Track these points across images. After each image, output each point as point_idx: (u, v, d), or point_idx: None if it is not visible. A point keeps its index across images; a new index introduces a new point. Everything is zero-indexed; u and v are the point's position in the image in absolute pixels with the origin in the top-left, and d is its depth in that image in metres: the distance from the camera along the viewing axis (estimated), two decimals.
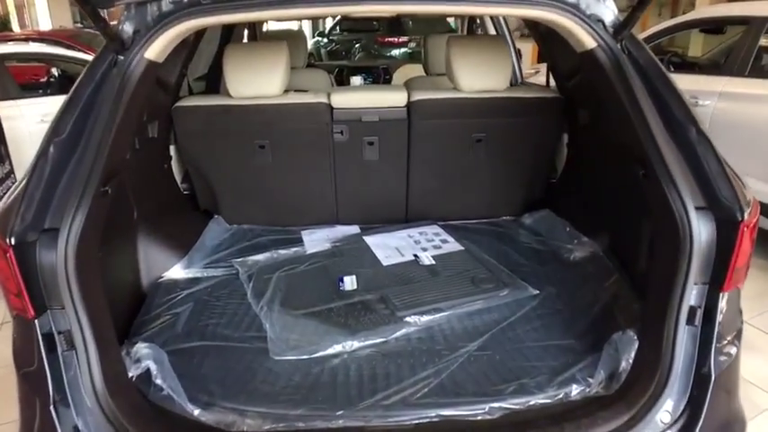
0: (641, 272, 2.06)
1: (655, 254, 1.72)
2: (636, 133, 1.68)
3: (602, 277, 2.20)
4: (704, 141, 1.60)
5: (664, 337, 1.62)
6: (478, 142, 2.66)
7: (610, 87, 1.77)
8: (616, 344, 1.81)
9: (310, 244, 2.62)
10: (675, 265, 1.58)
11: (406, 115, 2.59)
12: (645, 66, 1.75)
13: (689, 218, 1.54)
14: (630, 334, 1.78)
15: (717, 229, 1.55)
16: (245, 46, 2.72)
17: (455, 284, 2.21)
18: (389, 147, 2.67)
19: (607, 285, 2.16)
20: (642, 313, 1.78)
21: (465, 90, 2.55)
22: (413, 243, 2.56)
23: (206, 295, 2.22)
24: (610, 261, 2.24)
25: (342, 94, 2.61)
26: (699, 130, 1.61)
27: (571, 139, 2.73)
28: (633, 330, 1.82)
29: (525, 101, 2.59)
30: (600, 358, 1.80)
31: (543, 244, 2.57)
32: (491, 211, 2.92)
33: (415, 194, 2.83)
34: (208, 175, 2.72)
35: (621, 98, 1.73)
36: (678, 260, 1.57)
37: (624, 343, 1.78)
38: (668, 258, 1.61)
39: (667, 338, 1.61)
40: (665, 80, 1.72)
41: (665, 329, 1.61)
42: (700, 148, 1.60)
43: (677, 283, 1.58)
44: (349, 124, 2.60)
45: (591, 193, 2.50)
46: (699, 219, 1.54)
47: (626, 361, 1.74)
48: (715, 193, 1.55)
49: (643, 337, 1.73)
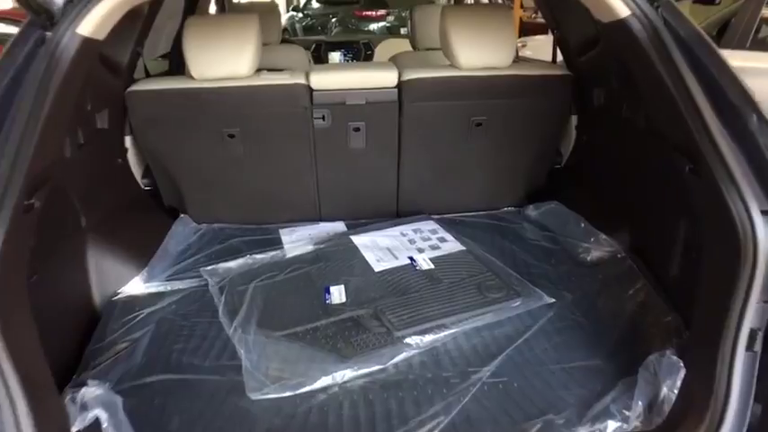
0: (674, 278, 1.79)
1: (706, 264, 1.44)
2: (682, 121, 1.39)
3: (627, 282, 1.92)
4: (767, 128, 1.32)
5: (717, 365, 1.36)
6: (478, 126, 2.35)
7: (646, 64, 1.48)
8: (654, 367, 1.54)
9: (290, 246, 2.30)
10: (734, 279, 1.31)
11: (397, 97, 2.27)
12: (688, 39, 1.46)
13: (753, 224, 1.27)
14: (672, 357, 1.52)
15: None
16: (208, 19, 2.37)
17: (459, 294, 1.92)
18: (378, 133, 2.36)
19: (633, 292, 1.89)
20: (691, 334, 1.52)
21: (464, 68, 2.23)
22: (407, 243, 2.26)
23: (170, 314, 1.90)
24: (634, 263, 1.97)
25: (323, 74, 2.27)
26: (761, 118, 1.33)
27: (582, 121, 2.43)
28: (673, 351, 1.57)
29: (531, 79, 2.28)
30: (635, 385, 1.54)
31: (554, 241, 2.29)
32: (491, 202, 2.63)
33: (408, 186, 2.52)
34: (170, 169, 2.38)
35: (663, 78, 1.43)
36: (738, 273, 1.30)
37: (665, 367, 1.51)
38: (725, 270, 1.34)
39: (722, 366, 1.36)
40: (714, 56, 1.42)
41: (720, 355, 1.35)
42: (763, 139, 1.32)
43: (735, 301, 1.32)
44: (331, 108, 2.27)
45: (609, 183, 2.22)
46: (765, 225, 1.27)
47: (667, 388, 1.48)
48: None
49: (690, 361, 1.47)
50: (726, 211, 1.30)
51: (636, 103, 1.88)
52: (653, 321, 1.77)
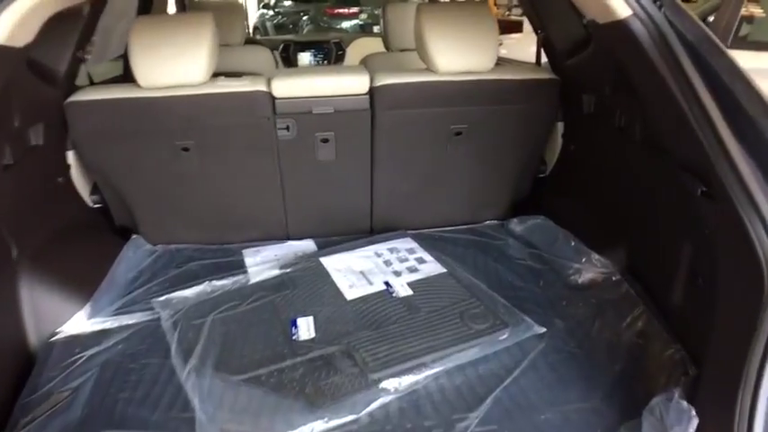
0: (677, 307, 1.63)
1: (721, 297, 1.28)
2: (693, 136, 1.22)
3: (624, 308, 1.75)
4: None
5: (736, 414, 1.20)
6: (458, 135, 2.17)
7: (649, 70, 1.31)
8: (660, 412, 1.37)
9: (255, 269, 2.09)
10: (756, 317, 1.15)
11: (369, 104, 2.07)
12: (695, 41, 1.29)
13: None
14: (681, 402, 1.35)
15: None
16: (157, 20, 2.14)
17: (440, 325, 1.73)
18: (349, 143, 2.16)
19: (630, 320, 1.72)
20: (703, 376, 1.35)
21: (441, 72, 2.04)
22: (383, 265, 2.06)
23: (117, 355, 1.68)
24: (631, 287, 1.80)
25: (285, 80, 2.06)
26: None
27: (569, 129, 2.26)
28: (680, 393, 1.40)
29: (516, 84, 2.10)
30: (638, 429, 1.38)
31: (541, 260, 2.11)
32: (472, 215, 2.45)
33: (382, 200, 2.32)
34: (119, 187, 2.14)
35: (669, 86, 1.27)
36: (761, 310, 1.14)
37: (673, 412, 1.34)
38: (745, 306, 1.18)
39: (742, 416, 1.20)
40: (724, 60, 1.26)
41: (739, 403, 1.19)
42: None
43: (758, 341, 1.16)
44: (296, 118, 2.06)
45: (601, 198, 2.05)
46: None
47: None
48: None
49: (702, 407, 1.31)
50: (747, 242, 1.14)
51: (632, 112, 1.72)
52: (654, 354, 1.61)
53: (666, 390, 1.43)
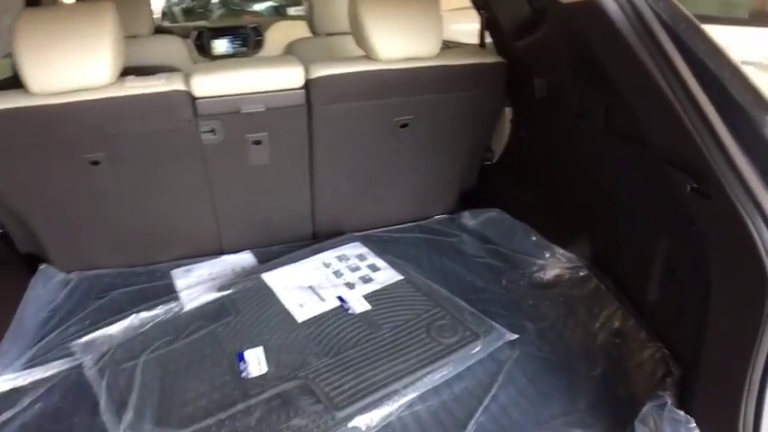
0: (654, 302, 1.55)
1: (717, 298, 1.18)
2: (681, 127, 1.10)
3: (596, 306, 1.66)
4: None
5: (740, 423, 1.12)
6: (403, 127, 2.00)
7: (627, 56, 1.18)
8: (654, 422, 1.28)
9: (187, 293, 1.84)
10: (759, 318, 1.06)
11: (305, 99, 1.85)
12: (673, 23, 1.17)
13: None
14: (675, 410, 1.26)
15: None
16: (47, 12, 1.82)
17: (407, 344, 1.57)
18: (284, 144, 1.94)
19: (604, 318, 1.63)
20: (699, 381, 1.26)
21: (383, 59, 1.85)
22: (333, 277, 1.87)
23: (36, 417, 1.41)
24: (601, 282, 1.71)
25: (207, 77, 1.80)
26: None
27: (518, 114, 2.13)
28: (672, 399, 1.32)
29: (462, 69, 1.94)
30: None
31: (501, 257, 1.99)
32: (420, 211, 2.30)
33: (324, 203, 2.13)
34: (20, 209, 1.83)
35: (652, 74, 1.14)
36: (764, 313, 1.05)
37: (667, 422, 1.26)
38: (746, 307, 1.09)
39: (746, 425, 1.12)
40: (709, 45, 1.14)
41: (742, 411, 1.12)
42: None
43: (763, 345, 1.07)
44: (222, 118, 1.82)
45: (560, 188, 1.94)
46: None
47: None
48: None
49: (700, 416, 1.22)
50: (749, 242, 1.04)
51: (595, 97, 1.60)
52: (634, 354, 1.53)
53: (654, 394, 1.35)
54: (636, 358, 1.52)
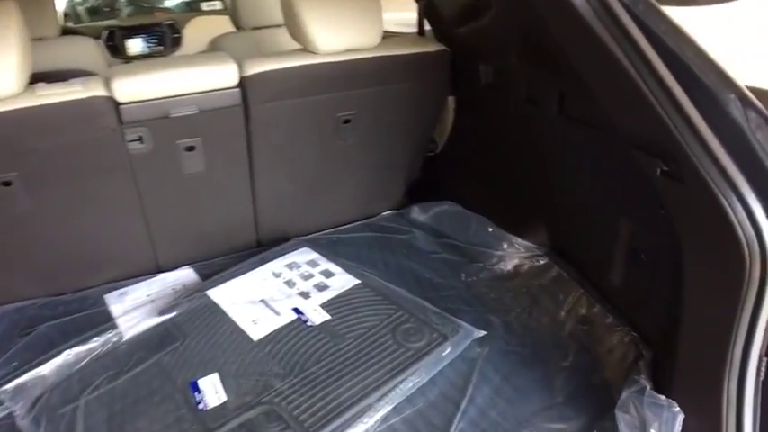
0: (618, 286, 1.53)
1: (690, 280, 1.17)
2: (650, 110, 1.07)
3: (560, 294, 1.64)
4: (756, 116, 1.05)
5: (724, 403, 1.12)
6: (346, 123, 1.90)
7: (590, 39, 1.14)
8: (634, 408, 1.26)
9: (125, 320, 1.67)
10: (738, 298, 1.05)
11: (241, 99, 1.71)
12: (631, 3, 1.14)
13: (760, 233, 1.00)
14: (656, 395, 1.25)
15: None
16: None
17: (374, 352, 1.48)
18: (220, 148, 1.79)
19: (570, 306, 1.61)
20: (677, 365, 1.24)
21: (323, 52, 1.74)
22: (285, 287, 1.76)
23: None
24: (563, 270, 1.69)
25: (130, 79, 1.62)
26: (744, 99, 1.05)
27: (463, 103, 2.08)
28: (649, 383, 1.30)
29: (405, 59, 1.86)
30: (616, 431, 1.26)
31: (457, 251, 1.94)
32: (368, 208, 2.21)
33: (267, 208, 2.00)
34: None
35: (617, 57, 1.10)
36: (742, 291, 1.04)
37: (648, 407, 1.24)
38: (724, 288, 1.08)
39: (729, 404, 1.12)
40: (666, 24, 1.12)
41: (725, 390, 1.11)
42: (753, 126, 1.05)
43: (741, 326, 1.07)
44: (151, 125, 1.65)
45: (512, 177, 1.90)
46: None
47: (655, 430, 1.22)
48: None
49: (681, 399, 1.21)
50: (726, 223, 1.02)
51: (547, 83, 1.56)
52: (603, 340, 1.51)
53: (631, 380, 1.34)
54: (606, 344, 1.51)
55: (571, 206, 1.65)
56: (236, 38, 2.64)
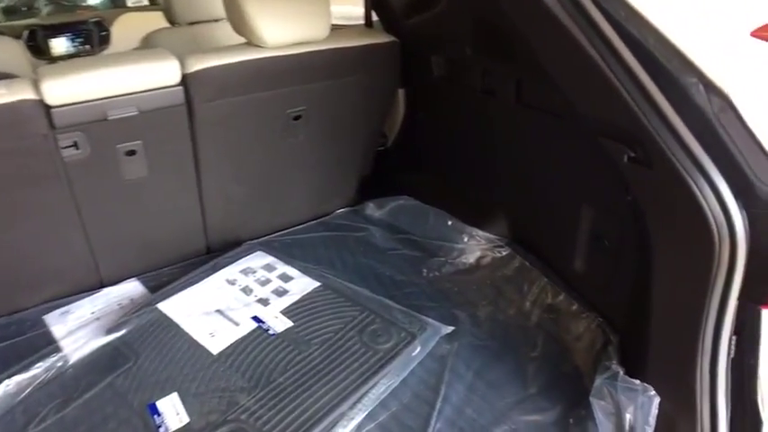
0: (581, 273, 1.54)
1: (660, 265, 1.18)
2: (621, 102, 1.06)
3: (523, 284, 1.63)
4: (719, 100, 1.05)
5: (697, 384, 1.13)
6: (296, 119, 1.82)
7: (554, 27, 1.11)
8: (609, 394, 1.27)
9: (70, 342, 1.54)
10: (707, 283, 1.06)
11: (184, 97, 1.61)
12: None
13: (729, 215, 1.01)
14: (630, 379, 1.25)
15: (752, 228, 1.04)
16: None
17: (342, 357, 1.42)
18: (164, 151, 1.69)
19: (534, 296, 1.61)
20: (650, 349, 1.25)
21: (269, 46, 1.66)
22: (242, 295, 1.67)
23: None
24: (525, 259, 1.68)
25: (62, 80, 1.48)
26: (707, 84, 1.05)
27: (415, 96, 2.04)
28: (619, 367, 1.31)
29: (355, 52, 1.80)
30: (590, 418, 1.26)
31: (416, 246, 1.90)
32: (322, 206, 2.15)
33: (216, 211, 1.90)
34: None
35: (581, 44, 1.09)
36: (712, 273, 1.05)
37: (623, 392, 1.25)
38: (693, 271, 1.09)
39: (703, 385, 1.13)
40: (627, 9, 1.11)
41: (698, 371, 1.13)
42: (716, 109, 1.06)
43: (712, 308, 1.08)
44: (87, 129, 1.53)
45: (469, 168, 1.87)
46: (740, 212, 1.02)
47: (631, 415, 1.23)
48: (747, 178, 1.03)
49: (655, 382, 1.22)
50: (695, 208, 1.02)
51: (504, 73, 1.54)
52: (571, 327, 1.52)
53: (602, 366, 1.34)
54: (573, 331, 1.51)
55: (531, 195, 1.65)
56: (171, 34, 2.50)
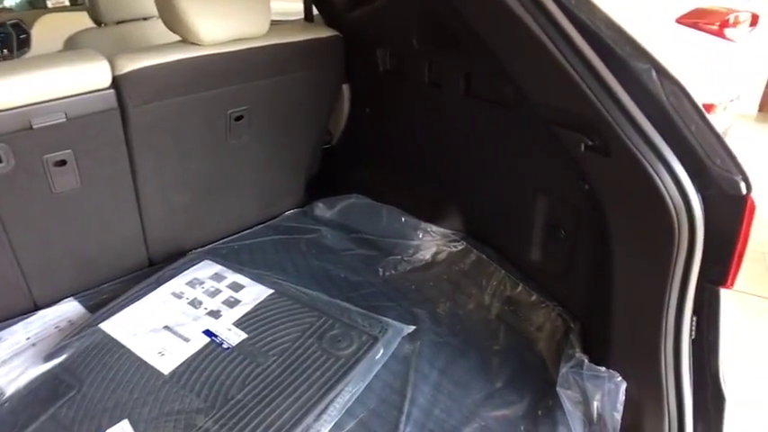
0: (538, 261, 1.54)
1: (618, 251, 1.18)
2: (577, 90, 1.05)
3: (481, 277, 1.62)
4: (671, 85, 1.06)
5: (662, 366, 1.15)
6: (238, 120, 1.74)
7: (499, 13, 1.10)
8: (573, 381, 1.27)
9: (4, 372, 1.40)
10: (668, 267, 1.07)
11: (116, 101, 1.50)
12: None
13: (688, 199, 1.02)
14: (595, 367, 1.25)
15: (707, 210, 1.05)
16: None
17: (303, 366, 1.36)
18: (97, 160, 1.57)
19: (493, 288, 1.60)
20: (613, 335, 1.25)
21: (206, 43, 1.57)
22: (190, 308, 1.58)
23: None
24: (481, 252, 1.66)
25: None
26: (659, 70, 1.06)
27: (360, 91, 1.99)
28: (582, 355, 1.32)
29: (297, 47, 1.73)
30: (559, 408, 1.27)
31: (370, 245, 1.86)
32: (269, 209, 2.07)
33: (157, 221, 1.79)
34: None
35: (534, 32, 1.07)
36: (672, 257, 1.07)
37: (589, 380, 1.25)
38: (655, 258, 1.10)
39: (667, 366, 1.15)
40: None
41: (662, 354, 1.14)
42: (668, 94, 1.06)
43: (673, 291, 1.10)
44: (10, 139, 1.40)
45: (418, 163, 1.84)
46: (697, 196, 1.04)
47: (599, 402, 1.24)
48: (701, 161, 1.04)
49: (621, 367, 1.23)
50: (655, 194, 1.03)
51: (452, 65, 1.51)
52: (531, 318, 1.52)
53: (566, 355, 1.34)
54: (534, 322, 1.51)
55: (485, 188, 1.63)
56: (97, 34, 2.35)
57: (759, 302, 2.49)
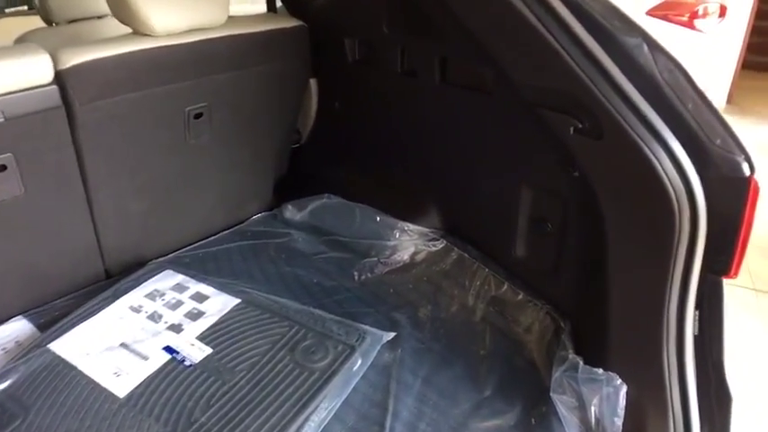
0: (523, 258, 1.45)
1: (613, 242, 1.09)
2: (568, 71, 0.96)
3: (463, 277, 1.53)
4: (665, 60, 0.98)
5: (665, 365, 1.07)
6: (198, 118, 1.62)
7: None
8: (568, 386, 1.18)
9: None
10: (669, 258, 0.99)
11: (60, 98, 1.37)
12: None
13: (689, 183, 0.94)
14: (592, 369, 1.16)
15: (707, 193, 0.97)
16: None
17: (274, 382, 1.24)
18: (42, 164, 1.43)
19: (477, 288, 1.50)
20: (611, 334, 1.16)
21: (159, 34, 1.44)
22: (149, 322, 1.45)
23: None
24: (463, 251, 1.56)
25: None
26: (651, 44, 0.98)
27: (328, 84, 1.88)
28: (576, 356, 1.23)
29: (258, 38, 1.61)
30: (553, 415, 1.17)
31: (345, 248, 1.74)
32: (235, 213, 1.95)
33: (112, 229, 1.66)
34: None
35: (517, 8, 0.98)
36: (672, 247, 0.98)
37: (585, 384, 1.16)
38: (654, 248, 1.01)
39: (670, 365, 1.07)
40: None
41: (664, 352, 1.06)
42: (662, 70, 0.98)
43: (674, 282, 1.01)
44: None
45: (394, 159, 1.74)
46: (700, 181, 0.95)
47: (596, 407, 1.15)
48: (700, 142, 0.96)
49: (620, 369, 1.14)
50: (651, 173, 0.94)
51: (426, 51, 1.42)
52: (519, 319, 1.43)
53: (558, 357, 1.25)
54: (522, 323, 1.42)
55: (464, 181, 1.54)
56: (48, 33, 2.19)
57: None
